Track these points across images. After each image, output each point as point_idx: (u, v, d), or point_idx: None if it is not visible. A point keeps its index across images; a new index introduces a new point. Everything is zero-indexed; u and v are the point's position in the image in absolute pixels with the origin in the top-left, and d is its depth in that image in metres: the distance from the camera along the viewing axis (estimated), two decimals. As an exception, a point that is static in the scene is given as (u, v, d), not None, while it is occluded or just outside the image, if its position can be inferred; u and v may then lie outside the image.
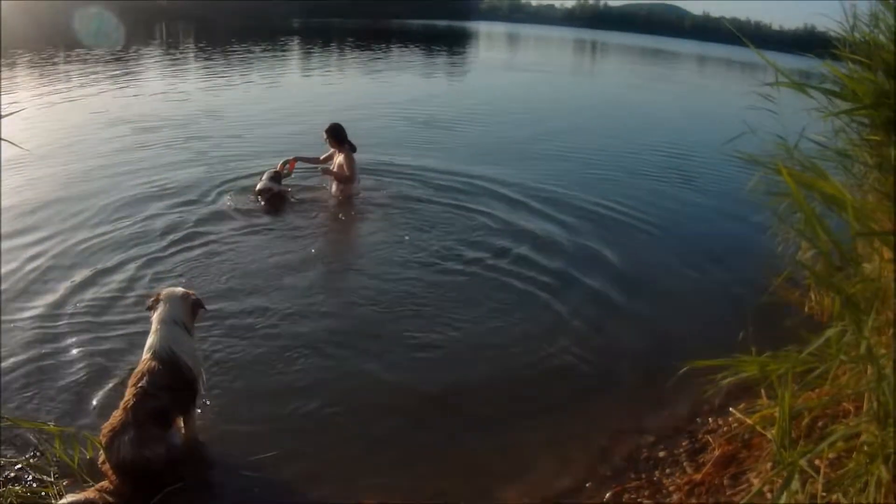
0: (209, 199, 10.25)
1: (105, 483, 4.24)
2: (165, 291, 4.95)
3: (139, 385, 4.36)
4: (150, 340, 4.68)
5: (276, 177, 10.31)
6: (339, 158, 10.42)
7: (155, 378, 4.42)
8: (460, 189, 11.28)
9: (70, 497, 4.05)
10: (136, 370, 4.53)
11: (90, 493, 4.12)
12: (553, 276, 8.03)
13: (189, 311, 4.92)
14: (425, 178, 11.81)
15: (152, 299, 4.93)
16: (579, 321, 6.96)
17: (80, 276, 7.42)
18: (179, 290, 5.00)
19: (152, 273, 7.59)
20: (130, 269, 7.67)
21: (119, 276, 7.48)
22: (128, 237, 8.55)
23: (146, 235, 8.59)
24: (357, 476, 4.65)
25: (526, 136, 17.18)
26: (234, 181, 11.12)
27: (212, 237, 8.71)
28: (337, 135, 10.44)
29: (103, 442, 4.23)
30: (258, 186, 10.23)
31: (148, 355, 4.58)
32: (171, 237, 8.58)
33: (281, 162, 10.65)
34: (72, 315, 6.58)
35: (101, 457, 4.32)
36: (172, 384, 4.50)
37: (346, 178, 10.34)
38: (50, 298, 6.90)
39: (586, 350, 6.40)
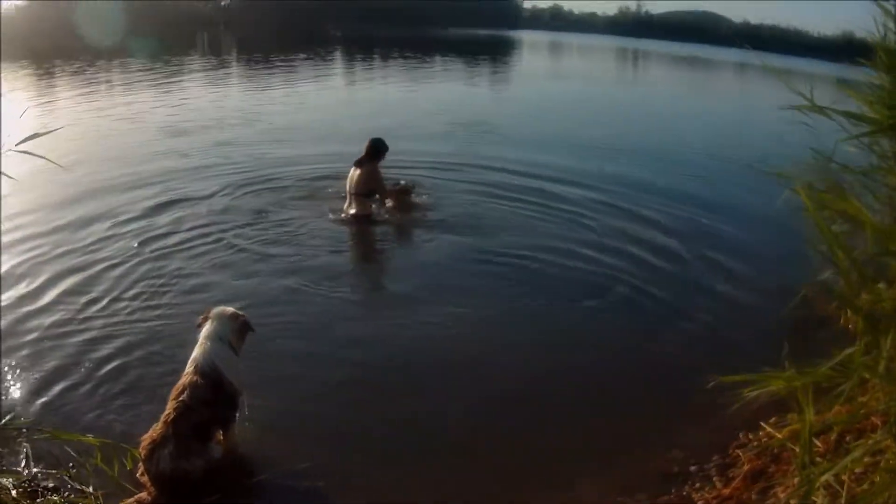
0: (232, 200, 10.92)
1: (143, 494, 4.45)
2: (216, 310, 5.14)
3: (180, 399, 4.56)
4: (194, 354, 4.87)
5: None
6: None
7: (196, 392, 4.60)
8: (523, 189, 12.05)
9: (109, 508, 4.20)
10: (178, 384, 4.71)
11: (128, 504, 4.28)
12: (581, 284, 8.30)
13: (237, 330, 5.09)
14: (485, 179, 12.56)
15: (202, 317, 5.12)
16: (611, 331, 7.19)
17: (107, 281, 7.86)
18: (229, 309, 5.19)
19: (196, 283, 7.97)
20: (169, 274, 8.08)
21: (158, 282, 7.87)
22: (173, 246, 8.99)
23: (190, 242, 9.07)
24: (393, 488, 4.81)
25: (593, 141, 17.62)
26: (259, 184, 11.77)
27: (246, 243, 9.18)
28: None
29: (143, 454, 4.43)
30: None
31: (191, 369, 4.76)
32: (205, 242, 9.08)
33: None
34: (102, 324, 6.93)
35: (140, 468, 4.51)
36: (213, 399, 4.68)
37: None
38: (78, 306, 7.28)
39: (619, 362, 6.61)
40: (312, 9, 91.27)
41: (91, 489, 4.54)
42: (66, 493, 4.53)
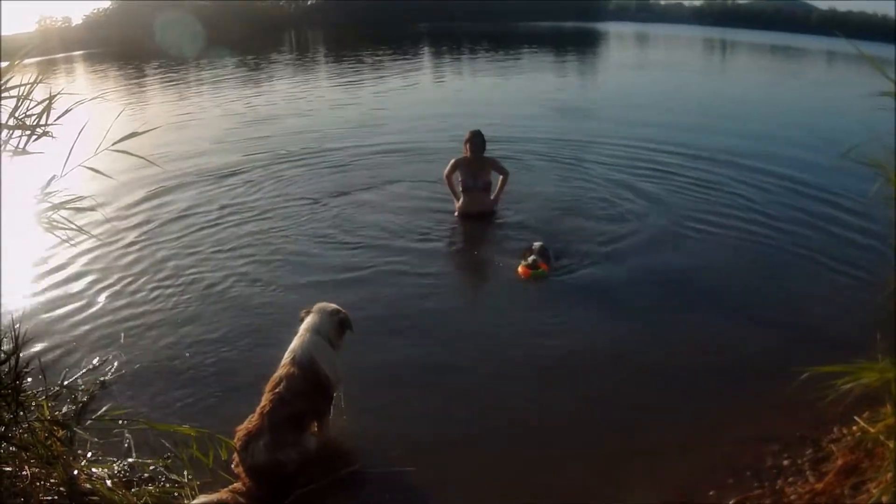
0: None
1: (238, 484, 4.69)
2: (318, 305, 5.41)
3: (276, 391, 4.81)
4: (292, 346, 5.12)
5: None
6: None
7: (292, 384, 4.84)
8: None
9: (203, 497, 4.48)
10: (275, 375, 4.97)
11: (223, 494, 4.56)
12: (665, 271, 8.48)
13: (336, 326, 5.32)
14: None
15: (304, 311, 5.40)
16: (699, 324, 7.26)
17: (200, 270, 8.39)
18: (331, 305, 5.44)
19: (288, 274, 8.35)
20: (275, 271, 8.45)
21: (257, 275, 8.27)
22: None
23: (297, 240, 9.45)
24: (487, 480, 5.00)
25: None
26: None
27: (353, 235, 9.57)
28: None
29: (238, 445, 4.69)
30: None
31: (288, 360, 5.02)
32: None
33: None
34: (194, 315, 7.33)
35: (236, 459, 4.77)
36: (309, 391, 4.91)
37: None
38: (170, 294, 7.78)
39: (710, 355, 6.65)
40: (397, 5, 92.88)
41: (186, 479, 4.74)
42: (161, 483, 4.76)
